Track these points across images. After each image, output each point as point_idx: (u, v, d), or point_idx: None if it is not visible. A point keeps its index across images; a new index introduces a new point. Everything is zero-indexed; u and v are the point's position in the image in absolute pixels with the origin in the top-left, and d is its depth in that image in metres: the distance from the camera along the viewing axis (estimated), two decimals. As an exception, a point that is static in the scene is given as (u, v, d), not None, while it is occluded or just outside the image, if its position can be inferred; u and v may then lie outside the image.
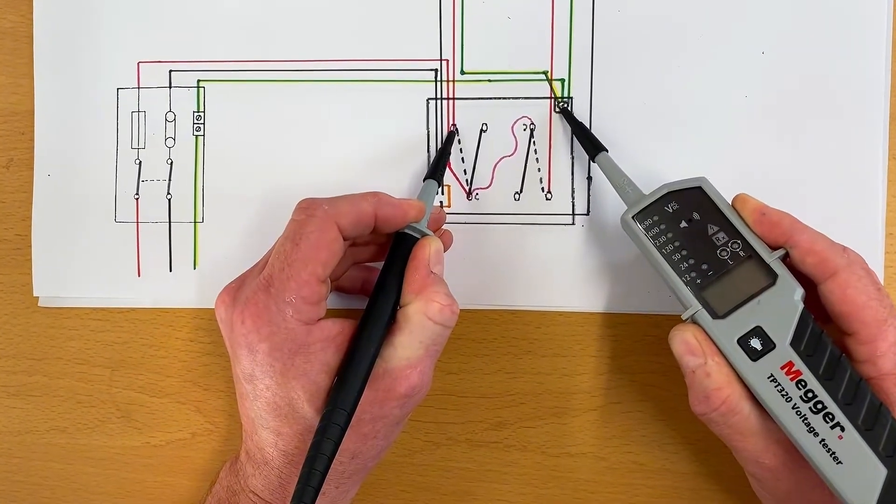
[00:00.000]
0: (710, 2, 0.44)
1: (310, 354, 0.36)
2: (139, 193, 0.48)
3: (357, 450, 0.38)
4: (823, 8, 0.43)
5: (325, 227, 0.36)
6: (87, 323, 0.49)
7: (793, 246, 0.35)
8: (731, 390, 0.35)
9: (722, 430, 0.36)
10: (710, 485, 0.46)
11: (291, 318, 0.35)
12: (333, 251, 0.37)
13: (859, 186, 0.43)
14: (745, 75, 0.44)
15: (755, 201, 0.37)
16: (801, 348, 0.34)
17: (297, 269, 0.36)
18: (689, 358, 0.36)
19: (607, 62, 0.45)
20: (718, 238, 0.37)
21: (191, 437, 0.49)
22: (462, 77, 0.46)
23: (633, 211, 0.38)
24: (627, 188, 0.40)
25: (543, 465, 0.46)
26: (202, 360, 0.48)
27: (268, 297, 0.36)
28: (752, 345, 0.35)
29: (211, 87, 0.47)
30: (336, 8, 0.46)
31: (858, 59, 0.43)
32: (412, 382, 0.36)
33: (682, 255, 0.37)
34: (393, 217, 0.38)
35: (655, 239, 0.38)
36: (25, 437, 0.50)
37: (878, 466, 0.33)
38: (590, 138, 0.43)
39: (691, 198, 0.38)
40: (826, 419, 0.33)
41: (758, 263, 0.36)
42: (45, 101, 0.48)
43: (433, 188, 0.42)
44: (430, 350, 0.37)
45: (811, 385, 0.34)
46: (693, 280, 0.37)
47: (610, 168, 0.41)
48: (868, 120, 0.43)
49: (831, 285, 0.35)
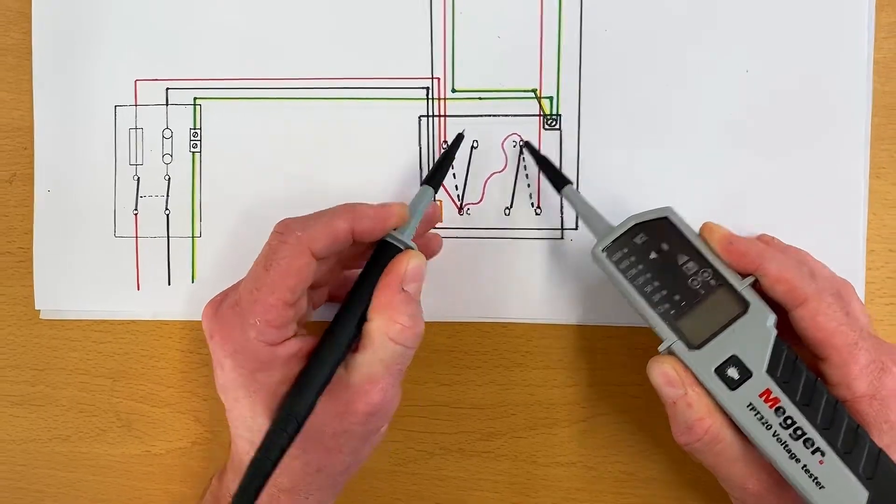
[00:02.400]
0: (695, 22, 0.44)
1: (272, 370, 0.36)
2: (138, 209, 0.48)
3: (321, 463, 0.38)
4: (806, 28, 0.43)
5: (296, 254, 0.36)
6: (88, 335, 0.49)
7: (762, 275, 0.36)
8: (712, 420, 0.35)
9: (706, 458, 0.37)
10: (697, 494, 0.46)
11: (254, 339, 0.36)
12: (303, 277, 0.36)
13: (841, 204, 0.44)
14: (730, 93, 0.44)
15: (722, 230, 0.37)
16: (778, 375, 0.35)
17: (264, 293, 0.36)
18: (669, 389, 0.36)
19: (595, 80, 0.45)
20: (688, 268, 0.37)
21: (190, 446, 0.49)
22: (453, 95, 0.46)
23: (603, 244, 0.38)
24: (595, 221, 0.40)
25: (534, 475, 0.47)
26: (200, 371, 0.49)
27: (234, 316, 0.36)
28: (729, 374, 0.35)
29: (207, 105, 0.48)
30: (330, 27, 0.47)
31: (840, 79, 0.43)
32: (372, 399, 0.36)
33: (654, 286, 0.37)
34: (371, 229, 0.38)
35: (626, 272, 0.38)
36: (29, 446, 0.50)
37: (860, 489, 0.33)
38: (554, 171, 0.42)
39: (659, 228, 0.38)
40: (806, 445, 0.34)
41: (729, 291, 0.36)
42: (44, 117, 0.48)
43: (427, 195, 0.41)
44: (392, 369, 0.37)
45: (790, 412, 0.34)
46: (667, 311, 0.37)
47: (577, 200, 0.41)
48: (850, 138, 0.43)
49: (802, 312, 0.35)
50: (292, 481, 0.38)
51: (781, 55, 0.44)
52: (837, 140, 0.44)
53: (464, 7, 0.46)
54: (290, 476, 0.38)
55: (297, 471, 0.38)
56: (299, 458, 0.37)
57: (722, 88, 0.44)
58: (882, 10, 0.44)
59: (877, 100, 0.44)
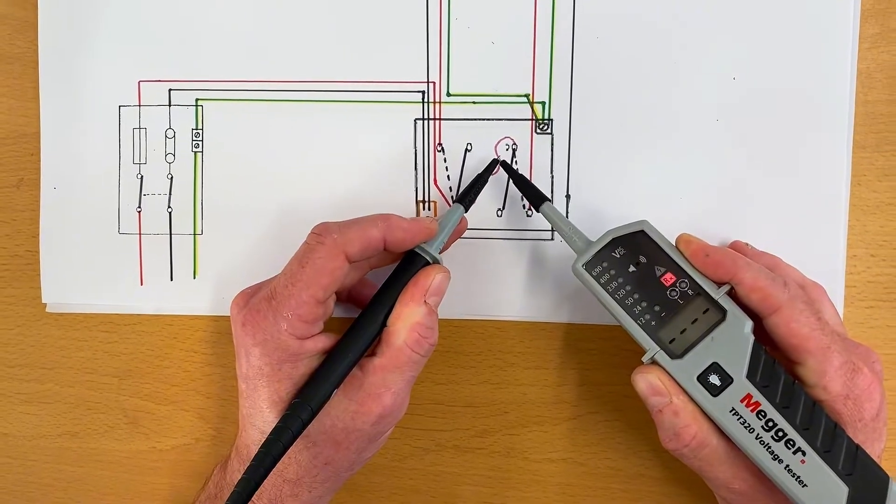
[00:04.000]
0: (684, 31, 0.45)
1: (298, 363, 0.38)
2: (141, 207, 0.49)
3: (330, 457, 0.39)
4: (792, 38, 0.44)
5: (331, 255, 0.38)
6: (95, 334, 0.51)
7: (737, 283, 0.37)
8: (698, 426, 0.37)
9: (693, 462, 0.38)
10: (683, 489, 0.47)
11: (285, 331, 0.37)
12: (336, 277, 0.38)
13: (824, 209, 0.44)
14: (718, 100, 0.45)
15: (698, 242, 0.38)
16: (758, 380, 0.36)
17: (298, 288, 0.37)
18: (656, 399, 0.37)
19: (586, 86, 0.46)
20: (667, 279, 0.38)
21: (194, 442, 0.51)
22: (448, 99, 0.47)
23: (583, 260, 0.39)
24: (574, 237, 0.40)
25: (526, 470, 0.48)
26: (204, 371, 0.50)
27: (268, 307, 0.38)
28: (711, 381, 0.36)
29: (208, 106, 0.49)
30: (330, 33, 0.47)
31: (825, 88, 0.44)
32: (384, 402, 0.38)
33: (634, 298, 0.38)
34: (402, 241, 0.39)
35: (607, 285, 0.39)
36: (39, 442, 0.52)
37: (840, 485, 0.34)
38: (531, 189, 0.43)
39: (636, 241, 0.39)
40: (788, 445, 0.35)
41: (706, 300, 0.37)
42: (50, 118, 0.49)
43: (457, 212, 0.42)
44: (406, 376, 0.39)
45: (770, 415, 0.35)
46: (648, 322, 0.38)
47: (555, 217, 0.41)
48: (833, 146, 0.44)
49: (776, 319, 0.36)
50: (298, 473, 0.39)
51: (768, 64, 0.44)
52: (821, 147, 0.44)
53: (459, 14, 0.46)
54: (298, 467, 0.39)
55: (305, 463, 0.39)
56: (309, 450, 0.39)
57: (710, 95, 0.45)
58: (866, 21, 0.44)
59: (858, 108, 0.44)
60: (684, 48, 0.45)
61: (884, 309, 0.45)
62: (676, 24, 0.45)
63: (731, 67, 0.45)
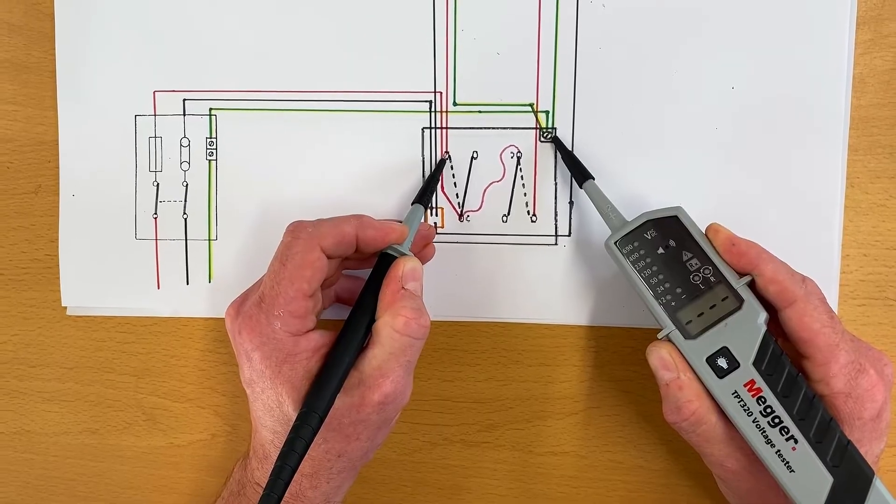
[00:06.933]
0: (683, 42, 0.46)
1: (295, 363, 0.39)
2: (157, 213, 0.51)
3: (342, 449, 0.41)
4: (788, 46, 0.45)
5: (308, 248, 0.40)
6: (113, 335, 0.52)
7: (758, 275, 0.38)
8: (699, 403, 0.38)
9: (690, 437, 0.40)
10: (681, 481, 0.49)
11: (280, 329, 0.39)
12: (317, 269, 0.40)
13: (819, 210, 0.46)
14: (716, 109, 0.46)
15: (726, 232, 0.40)
16: (763, 368, 0.37)
17: (284, 286, 0.39)
18: (664, 372, 0.39)
19: (588, 95, 0.47)
20: (692, 264, 0.40)
21: (210, 438, 0.52)
22: (455, 108, 0.48)
23: (616, 237, 0.41)
24: (611, 215, 0.42)
25: (530, 463, 0.50)
26: (219, 369, 0.51)
27: (260, 311, 0.39)
28: (719, 363, 0.38)
29: (222, 115, 0.50)
30: (340, 43, 0.48)
31: (821, 95, 0.45)
32: (384, 390, 0.39)
33: (658, 279, 0.40)
34: (374, 239, 0.41)
35: (635, 263, 0.40)
36: (60, 438, 0.53)
37: (826, 475, 0.36)
38: (578, 166, 0.45)
39: (668, 226, 0.40)
40: (782, 432, 0.37)
41: (726, 288, 0.39)
42: (68, 127, 0.50)
43: (418, 213, 0.45)
44: (401, 360, 0.39)
45: (770, 401, 0.37)
46: (668, 303, 0.40)
47: (596, 195, 0.43)
48: (828, 149, 0.45)
49: (790, 313, 0.38)
50: (314, 468, 0.41)
51: (765, 73, 0.46)
52: (816, 151, 0.46)
53: (466, 26, 0.48)
54: (312, 462, 0.41)
55: (319, 457, 0.41)
56: (321, 447, 0.40)
57: (709, 103, 0.46)
58: (860, 27, 0.45)
59: (852, 112, 0.45)
60: (684, 58, 0.46)
61: (875, 307, 0.47)
62: (676, 35, 0.46)
63: (729, 77, 0.46)
